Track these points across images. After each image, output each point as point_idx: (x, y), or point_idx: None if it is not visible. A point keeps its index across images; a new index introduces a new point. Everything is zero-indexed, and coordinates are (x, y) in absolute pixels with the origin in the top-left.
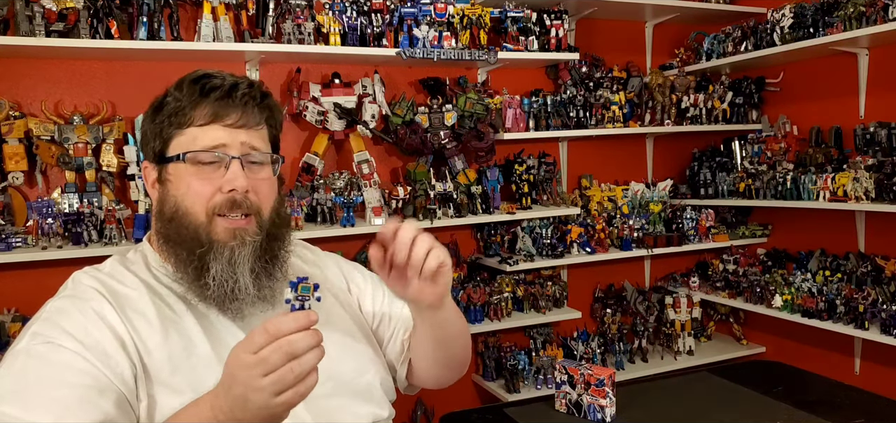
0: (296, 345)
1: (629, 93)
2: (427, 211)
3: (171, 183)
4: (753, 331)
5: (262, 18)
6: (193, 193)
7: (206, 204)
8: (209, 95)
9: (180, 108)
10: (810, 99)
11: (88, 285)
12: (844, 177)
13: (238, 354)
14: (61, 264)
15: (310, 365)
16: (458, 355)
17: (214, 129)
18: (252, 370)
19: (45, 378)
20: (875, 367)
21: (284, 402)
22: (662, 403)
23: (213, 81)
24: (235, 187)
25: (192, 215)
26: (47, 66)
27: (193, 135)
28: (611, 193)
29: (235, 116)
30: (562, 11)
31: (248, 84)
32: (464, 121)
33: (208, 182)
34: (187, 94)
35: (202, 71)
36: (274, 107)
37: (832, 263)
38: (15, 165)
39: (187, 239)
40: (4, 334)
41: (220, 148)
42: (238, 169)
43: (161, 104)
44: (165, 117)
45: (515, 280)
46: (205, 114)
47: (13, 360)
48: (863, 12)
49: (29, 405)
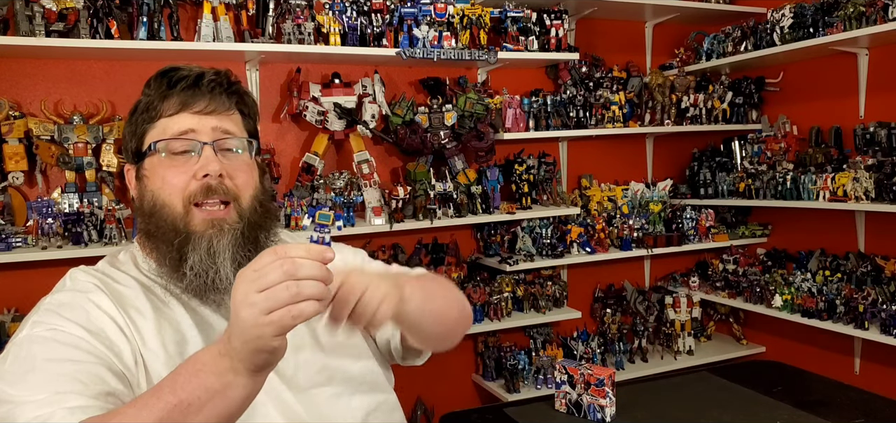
0: (299, 266)
1: (629, 93)
2: (427, 211)
3: (147, 178)
4: (753, 331)
5: (262, 18)
6: (169, 185)
7: (183, 194)
8: (176, 85)
9: (150, 102)
10: (810, 99)
11: (86, 280)
12: (844, 177)
13: (242, 271)
14: (61, 264)
15: (309, 291)
16: (449, 320)
17: (183, 117)
18: (248, 285)
19: (51, 356)
20: (875, 367)
21: (274, 322)
22: (662, 403)
23: (180, 73)
24: (209, 172)
25: (169, 206)
26: (47, 66)
27: (163, 126)
28: (611, 193)
29: (203, 102)
30: (562, 11)
31: (214, 72)
32: (464, 121)
33: (181, 171)
34: (155, 88)
35: (169, 65)
36: (243, 93)
37: (832, 263)
38: (15, 165)
39: (166, 232)
40: (4, 334)
41: (190, 133)
42: (210, 153)
43: (136, 106)
44: (138, 115)
45: (515, 280)
46: (173, 104)
47: (18, 348)
48: (863, 12)
49: (36, 384)
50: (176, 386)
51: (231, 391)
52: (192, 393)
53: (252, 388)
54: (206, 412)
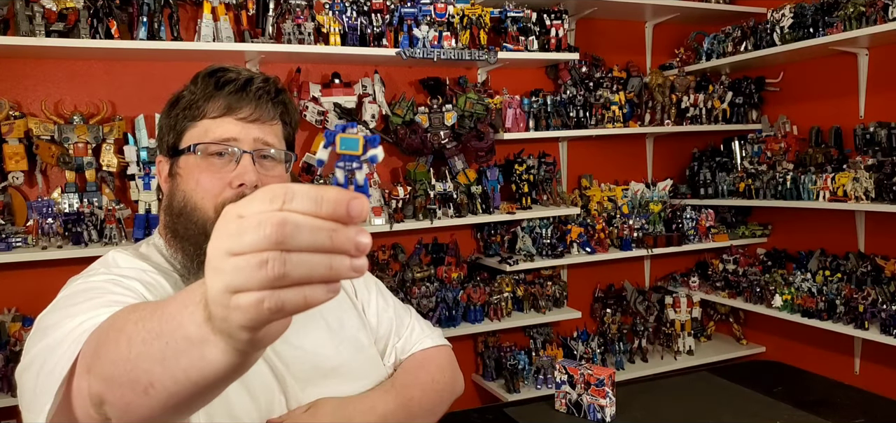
0: (295, 229)
1: (629, 93)
2: (427, 211)
3: (180, 177)
4: (753, 331)
5: (262, 18)
6: (202, 188)
7: (215, 199)
8: (223, 88)
9: (194, 101)
10: (810, 99)
11: (125, 265)
12: (844, 177)
13: (227, 208)
14: (61, 264)
15: (300, 272)
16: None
17: (227, 122)
18: (222, 239)
19: (92, 291)
20: (875, 367)
21: (242, 308)
22: (662, 403)
23: (228, 75)
24: (245, 182)
25: (200, 209)
26: (47, 66)
27: (205, 127)
28: (611, 193)
29: (249, 109)
30: (562, 11)
31: (263, 79)
32: (464, 121)
33: (217, 177)
34: (202, 87)
35: (218, 65)
36: (288, 103)
37: (832, 263)
38: (15, 165)
39: (194, 234)
40: (4, 334)
41: (231, 141)
42: (249, 163)
43: (177, 99)
44: (180, 110)
45: (515, 280)
46: (218, 107)
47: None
48: (863, 12)
49: (76, 311)
50: (164, 314)
51: (207, 350)
52: (171, 332)
53: (232, 363)
54: (178, 363)
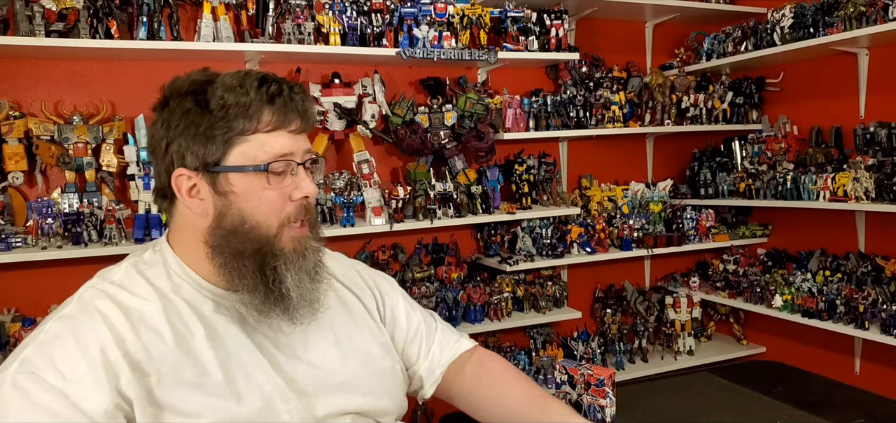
0: None
1: (629, 93)
2: (427, 211)
3: (236, 195)
4: (753, 331)
5: (262, 18)
6: (267, 205)
7: (280, 215)
8: (274, 101)
9: (243, 112)
10: (810, 99)
11: (95, 308)
12: (844, 177)
13: None
14: (61, 264)
15: None
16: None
17: (281, 135)
18: None
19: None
20: (875, 367)
21: None
22: (662, 403)
23: (273, 86)
24: (309, 195)
25: (264, 226)
26: (47, 66)
27: (261, 142)
28: (611, 193)
29: (297, 122)
30: (562, 11)
31: (299, 87)
32: (464, 121)
33: (278, 191)
34: (256, 98)
35: (252, 71)
36: (311, 109)
37: (832, 263)
38: (15, 165)
39: (253, 251)
40: (4, 334)
41: (289, 156)
42: (306, 175)
43: (203, 105)
44: (219, 121)
45: (515, 280)
46: (271, 121)
47: (19, 372)
48: (863, 12)
49: None
50: None
51: None
52: None
53: None
54: None
